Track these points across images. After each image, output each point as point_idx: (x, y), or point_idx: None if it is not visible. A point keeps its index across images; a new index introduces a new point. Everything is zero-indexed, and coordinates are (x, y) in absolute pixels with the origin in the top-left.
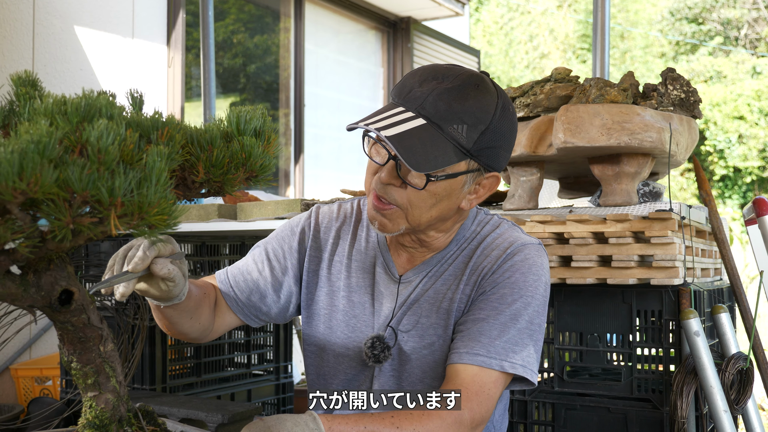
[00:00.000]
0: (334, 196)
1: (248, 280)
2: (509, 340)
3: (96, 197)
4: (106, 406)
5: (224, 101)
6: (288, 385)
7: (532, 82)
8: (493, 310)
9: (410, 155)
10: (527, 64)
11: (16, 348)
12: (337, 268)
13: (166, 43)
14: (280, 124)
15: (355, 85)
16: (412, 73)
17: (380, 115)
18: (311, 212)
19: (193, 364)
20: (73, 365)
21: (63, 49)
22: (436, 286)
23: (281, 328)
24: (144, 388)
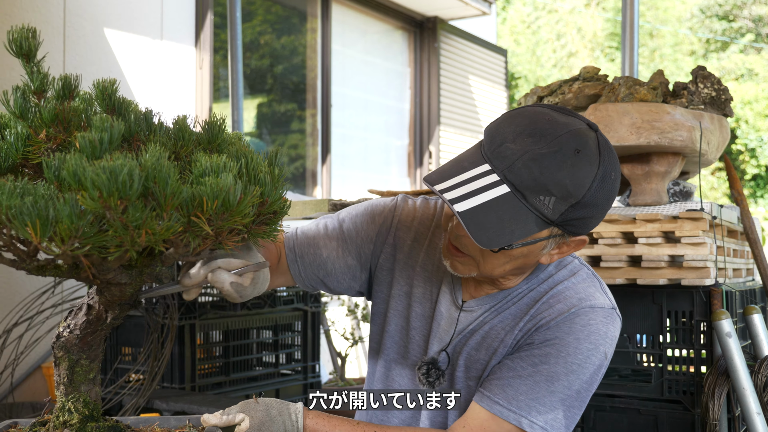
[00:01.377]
0: (361, 196)
1: (316, 255)
2: (537, 399)
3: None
4: (97, 399)
5: (252, 102)
6: (316, 384)
7: (560, 81)
8: (531, 367)
9: (481, 233)
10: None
11: (47, 347)
12: (407, 272)
13: (194, 45)
14: (307, 125)
15: (381, 85)
16: (511, 118)
17: (463, 174)
18: (396, 204)
19: (221, 364)
20: (82, 362)
21: (93, 52)
22: (494, 322)
23: (309, 329)
24: (173, 386)
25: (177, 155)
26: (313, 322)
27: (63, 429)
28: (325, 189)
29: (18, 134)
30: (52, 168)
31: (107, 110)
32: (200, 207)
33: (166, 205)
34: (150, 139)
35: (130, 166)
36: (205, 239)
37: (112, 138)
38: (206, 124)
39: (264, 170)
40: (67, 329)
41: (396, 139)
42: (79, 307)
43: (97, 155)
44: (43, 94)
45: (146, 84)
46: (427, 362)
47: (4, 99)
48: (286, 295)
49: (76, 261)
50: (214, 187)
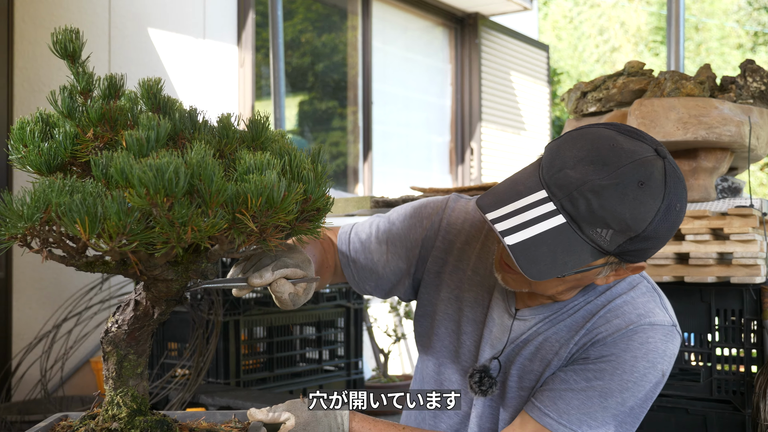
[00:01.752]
0: (403, 193)
1: (368, 259)
2: (588, 414)
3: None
4: (145, 393)
5: (293, 100)
6: (359, 380)
7: (605, 76)
8: (585, 381)
9: (532, 266)
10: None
11: (95, 342)
12: (458, 276)
13: (236, 43)
14: (348, 122)
15: (422, 82)
16: (573, 140)
17: (517, 200)
18: (446, 205)
19: (265, 359)
20: (130, 356)
21: (137, 52)
22: (548, 333)
23: (352, 325)
24: (218, 382)
25: (221, 153)
26: (355, 319)
27: (112, 422)
28: (367, 186)
29: (66, 133)
30: (99, 166)
31: (153, 109)
32: (245, 204)
33: (212, 202)
34: (195, 137)
35: (176, 164)
36: (250, 236)
37: (158, 136)
38: (250, 122)
39: (307, 167)
40: (115, 324)
41: (437, 136)
42: (126, 302)
43: (144, 153)
44: (90, 93)
45: (189, 83)
46: (479, 370)
47: (52, 99)
48: (329, 292)
49: (123, 257)
50: (258, 184)
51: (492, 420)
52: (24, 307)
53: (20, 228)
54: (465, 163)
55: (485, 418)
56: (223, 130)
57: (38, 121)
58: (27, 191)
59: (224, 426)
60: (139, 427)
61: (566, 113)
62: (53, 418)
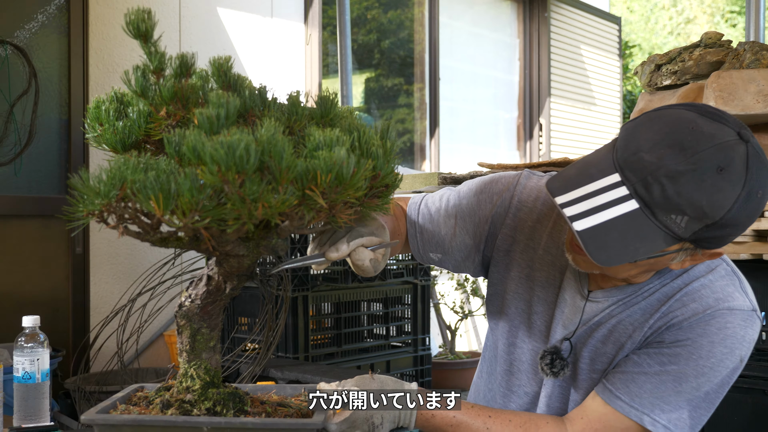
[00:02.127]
0: (470, 169)
1: (435, 231)
2: (661, 398)
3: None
4: (217, 366)
5: (359, 77)
6: (426, 357)
7: (680, 48)
8: (659, 365)
9: (601, 252)
10: (671, 30)
11: (168, 316)
12: (529, 255)
13: (303, 21)
14: (414, 99)
15: (490, 58)
16: (650, 121)
17: (589, 184)
18: (517, 182)
19: (333, 335)
20: (203, 330)
21: (207, 31)
22: (622, 316)
23: (419, 302)
24: (287, 356)
25: (291, 130)
26: (422, 295)
27: (186, 394)
28: (434, 163)
29: (140, 112)
30: (172, 144)
31: (223, 87)
32: (314, 180)
33: (282, 178)
34: (264, 114)
35: (246, 141)
36: (319, 212)
37: (228, 113)
38: (319, 99)
39: (376, 143)
40: (188, 299)
41: (505, 112)
42: (199, 277)
43: (215, 131)
44: (162, 72)
45: (257, 61)
46: (550, 351)
47: (126, 78)
48: (396, 269)
49: (196, 233)
50: (327, 160)
51: (561, 400)
52: (100, 282)
53: (97, 204)
54: (533, 139)
55: (555, 398)
56: (292, 107)
57: (113, 101)
58: (103, 169)
59: (294, 399)
60: (212, 399)
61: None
62: (130, 389)
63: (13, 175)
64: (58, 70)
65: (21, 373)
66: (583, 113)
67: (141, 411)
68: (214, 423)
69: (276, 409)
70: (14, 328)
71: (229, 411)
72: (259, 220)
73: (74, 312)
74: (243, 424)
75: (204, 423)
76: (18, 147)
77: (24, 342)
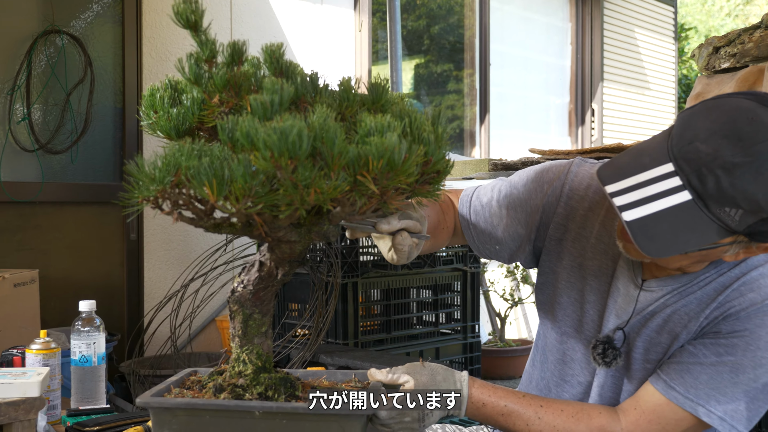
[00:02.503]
0: (521, 156)
1: (487, 223)
2: (717, 389)
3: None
4: (269, 351)
5: (409, 63)
6: (475, 344)
7: (739, 30)
8: (715, 356)
9: (649, 243)
10: (728, 12)
11: (220, 301)
12: (581, 244)
13: (353, 8)
14: (464, 85)
15: (541, 42)
16: (708, 110)
17: (641, 173)
18: (569, 170)
19: (382, 321)
20: (255, 315)
21: (258, 18)
22: (677, 306)
23: (468, 289)
24: (337, 342)
25: (342, 116)
26: (472, 282)
27: (238, 378)
28: (484, 149)
29: (194, 99)
30: (226, 130)
31: (275, 73)
32: (366, 166)
33: (334, 164)
34: (316, 100)
35: (299, 127)
36: (371, 198)
37: (281, 100)
38: (370, 85)
39: (427, 129)
40: (241, 284)
41: (556, 97)
42: (251, 263)
43: (268, 117)
44: (214, 60)
45: (307, 48)
46: (603, 341)
47: (179, 66)
48: (446, 256)
49: (249, 219)
50: (379, 146)
51: (614, 390)
52: (154, 268)
53: (152, 191)
54: (585, 124)
55: (607, 388)
56: (343, 93)
57: (167, 88)
58: (158, 155)
59: (345, 385)
60: (263, 384)
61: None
62: (184, 373)
63: (69, 163)
64: (113, 59)
65: (78, 356)
66: (637, 98)
67: (194, 395)
68: (265, 407)
69: None
70: (71, 312)
71: (281, 396)
72: (311, 206)
73: (129, 297)
74: (294, 409)
75: (256, 407)
76: (74, 135)
77: (81, 326)
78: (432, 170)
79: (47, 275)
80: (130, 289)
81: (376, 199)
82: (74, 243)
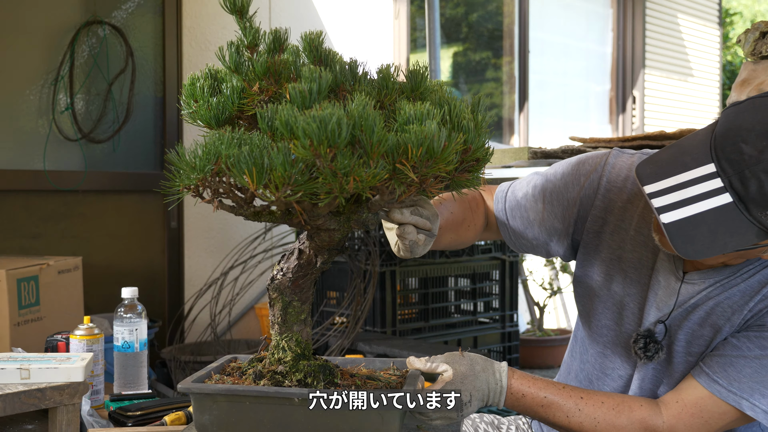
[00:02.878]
0: (561, 143)
1: (523, 217)
2: (761, 382)
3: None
4: (308, 339)
5: (447, 51)
6: (513, 333)
7: None
8: (759, 350)
9: (687, 246)
10: None
11: (259, 289)
12: (620, 236)
13: None
14: (502, 73)
15: (582, 29)
16: (755, 109)
17: (681, 173)
18: (606, 161)
19: (419, 310)
20: (294, 303)
21: (296, 7)
22: (720, 298)
23: (507, 278)
24: (375, 330)
25: (381, 104)
26: (511, 272)
27: (278, 365)
28: (523, 137)
29: (234, 88)
30: (265, 118)
31: (314, 62)
32: (405, 154)
33: (373, 152)
34: (355, 88)
35: (338, 115)
36: (410, 186)
37: (320, 88)
38: (409, 73)
39: (467, 117)
40: (280, 272)
41: (596, 85)
42: (291, 251)
43: (307, 105)
44: (256, 48)
45: (345, 36)
46: (644, 335)
47: (220, 54)
48: (484, 245)
49: (288, 207)
50: (418, 134)
51: (655, 383)
52: (194, 256)
53: (193, 179)
54: (626, 112)
55: (648, 380)
56: (382, 81)
57: (207, 77)
58: (198, 144)
59: (383, 373)
60: (303, 371)
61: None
62: (224, 359)
63: (111, 152)
64: (153, 48)
65: (121, 342)
66: (680, 85)
67: (234, 381)
68: (304, 394)
69: (365, 382)
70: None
71: (320, 383)
72: (350, 194)
73: (170, 284)
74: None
75: (295, 394)
76: (116, 124)
77: (123, 312)
78: (471, 158)
79: (90, 262)
80: (170, 277)
81: (415, 188)
82: (116, 231)
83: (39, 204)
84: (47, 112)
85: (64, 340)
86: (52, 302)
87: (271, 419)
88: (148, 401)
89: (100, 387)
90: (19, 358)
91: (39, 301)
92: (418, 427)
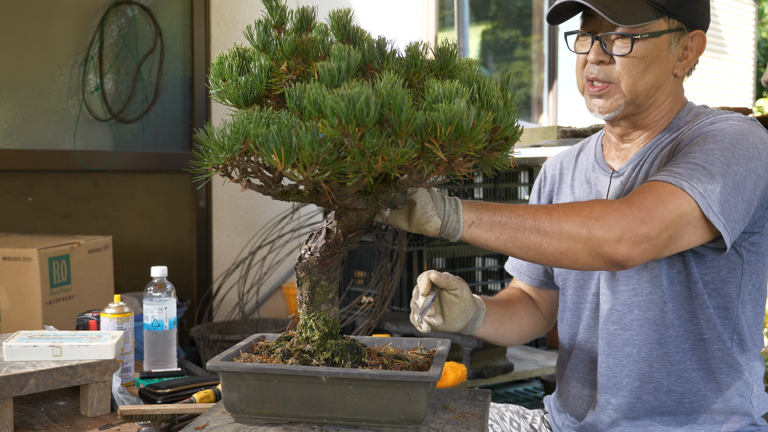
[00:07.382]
0: (592, 123)
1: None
2: (691, 168)
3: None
4: (335, 318)
5: (475, 29)
6: None
7: None
8: (683, 156)
9: (608, 10)
10: None
11: (286, 269)
12: (566, 194)
13: None
14: (531, 51)
15: None
16: None
17: None
18: None
19: None
20: (322, 282)
21: None
22: (646, 168)
23: None
24: (402, 310)
25: (410, 82)
26: None
27: (305, 344)
28: (551, 116)
29: (262, 67)
30: (293, 97)
31: (342, 40)
32: (434, 133)
33: (401, 131)
34: (383, 67)
35: (366, 94)
36: (438, 165)
37: (349, 66)
38: (438, 51)
39: (496, 95)
40: (308, 251)
41: None
42: (318, 231)
43: (336, 84)
44: (283, 27)
45: (373, 14)
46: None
47: (248, 33)
48: None
49: (316, 187)
50: (447, 112)
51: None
52: (222, 235)
53: (221, 158)
54: None
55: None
56: (411, 59)
57: (235, 56)
58: (227, 123)
59: (410, 352)
60: (330, 350)
61: None
62: (252, 338)
63: (141, 132)
64: (182, 28)
65: (150, 320)
66: (713, 62)
67: (263, 360)
68: (332, 373)
69: (393, 361)
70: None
71: (347, 362)
72: (379, 174)
73: (198, 263)
74: (361, 375)
75: (323, 373)
76: (145, 104)
77: (153, 291)
78: (500, 137)
79: (120, 242)
80: (199, 256)
81: (444, 167)
82: (146, 210)
83: (70, 184)
84: (77, 93)
85: (94, 318)
86: (82, 281)
87: (298, 397)
88: (178, 379)
89: (131, 365)
90: (51, 335)
91: (70, 279)
92: (445, 406)
